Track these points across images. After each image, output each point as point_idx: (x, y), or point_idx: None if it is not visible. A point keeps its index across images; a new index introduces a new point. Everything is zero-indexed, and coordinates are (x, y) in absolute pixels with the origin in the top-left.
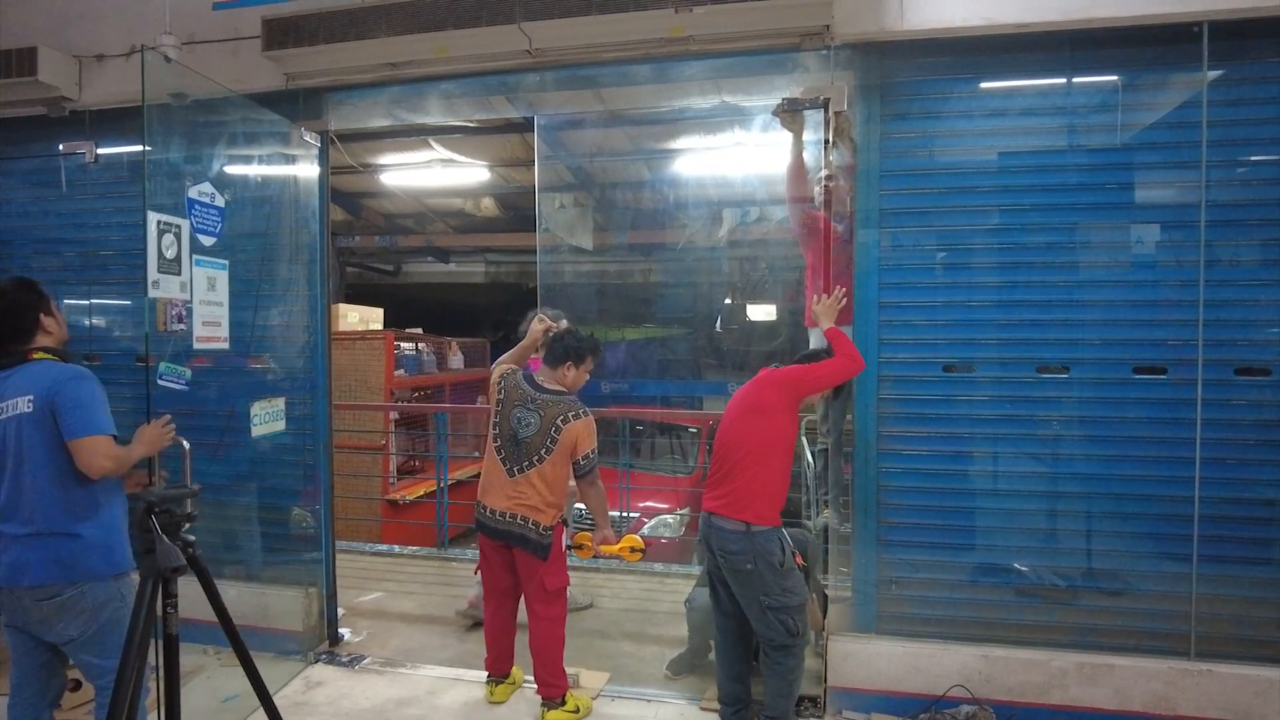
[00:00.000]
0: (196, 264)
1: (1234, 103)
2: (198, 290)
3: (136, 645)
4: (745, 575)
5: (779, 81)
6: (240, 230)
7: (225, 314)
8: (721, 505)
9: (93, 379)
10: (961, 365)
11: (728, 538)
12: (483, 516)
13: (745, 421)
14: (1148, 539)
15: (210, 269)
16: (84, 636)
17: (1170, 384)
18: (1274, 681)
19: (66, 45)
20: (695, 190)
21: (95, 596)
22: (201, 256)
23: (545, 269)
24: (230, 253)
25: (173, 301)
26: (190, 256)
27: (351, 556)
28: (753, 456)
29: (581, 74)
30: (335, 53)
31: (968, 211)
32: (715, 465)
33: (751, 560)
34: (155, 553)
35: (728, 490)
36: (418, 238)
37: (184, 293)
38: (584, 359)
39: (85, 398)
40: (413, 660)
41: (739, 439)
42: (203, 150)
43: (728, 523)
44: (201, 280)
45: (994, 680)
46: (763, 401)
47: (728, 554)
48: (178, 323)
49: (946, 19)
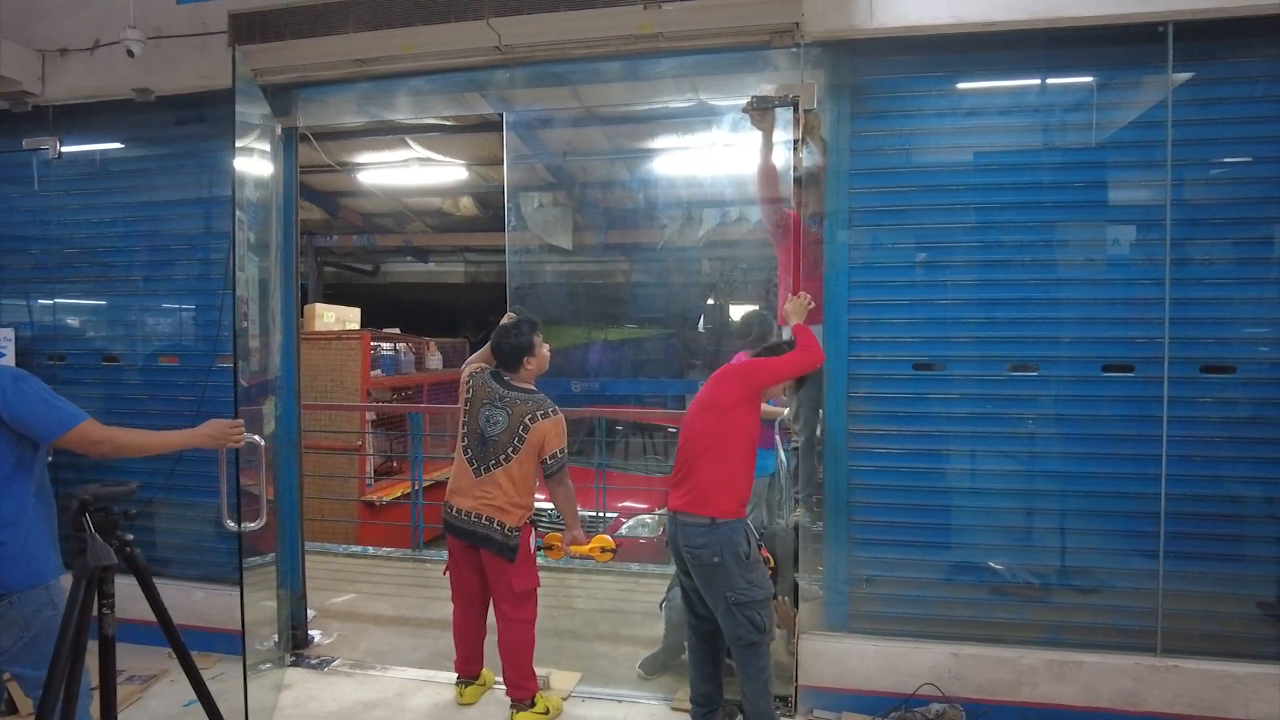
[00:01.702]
0: None
1: (1198, 103)
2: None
3: (67, 647)
4: (711, 570)
5: (750, 80)
6: (204, 229)
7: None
8: (685, 502)
9: (27, 376)
10: (932, 364)
11: (693, 533)
12: (450, 517)
13: (703, 418)
14: (1116, 536)
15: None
16: (16, 647)
17: (1138, 382)
18: (1239, 676)
19: (29, 39)
20: (674, 190)
21: (23, 606)
22: None
23: (515, 269)
24: (193, 252)
25: (242, 299)
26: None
27: (325, 558)
28: (714, 450)
29: (553, 70)
30: (302, 48)
31: (937, 210)
32: (677, 464)
33: (718, 553)
34: (86, 552)
35: (690, 487)
36: (396, 237)
37: (246, 290)
38: (532, 345)
39: (42, 393)
40: (383, 662)
41: (698, 435)
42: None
43: (692, 518)
44: None
45: (964, 678)
46: (719, 396)
47: (694, 549)
48: (244, 320)
49: (915, 17)
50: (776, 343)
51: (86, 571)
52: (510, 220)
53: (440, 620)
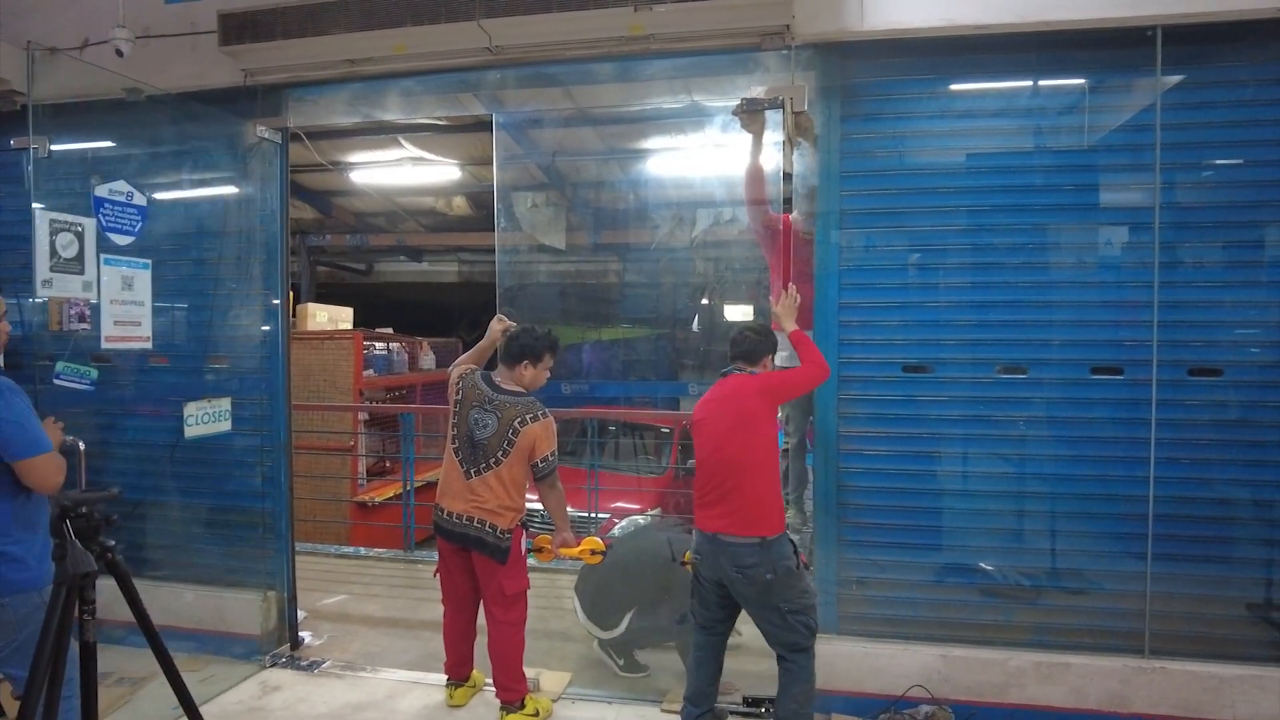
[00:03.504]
0: (106, 263)
1: (1186, 106)
2: (109, 290)
3: (47, 654)
4: (765, 586)
5: (741, 81)
6: (194, 229)
7: (146, 313)
8: (728, 524)
9: (17, 391)
10: (921, 366)
11: (742, 553)
12: (440, 519)
13: (738, 436)
14: (1104, 538)
15: (126, 268)
16: (8, 650)
17: (1126, 384)
18: (1225, 678)
19: (16, 37)
20: (666, 191)
21: (17, 610)
22: (114, 256)
23: (506, 269)
24: (185, 251)
25: (71, 301)
26: (98, 256)
27: (316, 559)
28: (756, 469)
29: (544, 71)
30: (293, 48)
31: (928, 213)
32: (708, 482)
33: (771, 570)
34: (66, 559)
35: (732, 508)
36: (389, 236)
37: (87, 292)
38: (541, 357)
39: (21, 414)
40: (374, 664)
41: (737, 455)
42: (147, 149)
43: (739, 539)
44: (114, 280)
45: (953, 680)
46: (750, 412)
47: (744, 569)
48: (78, 322)
49: (906, 20)
50: (753, 348)
51: (66, 578)
52: (500, 221)
53: (431, 622)
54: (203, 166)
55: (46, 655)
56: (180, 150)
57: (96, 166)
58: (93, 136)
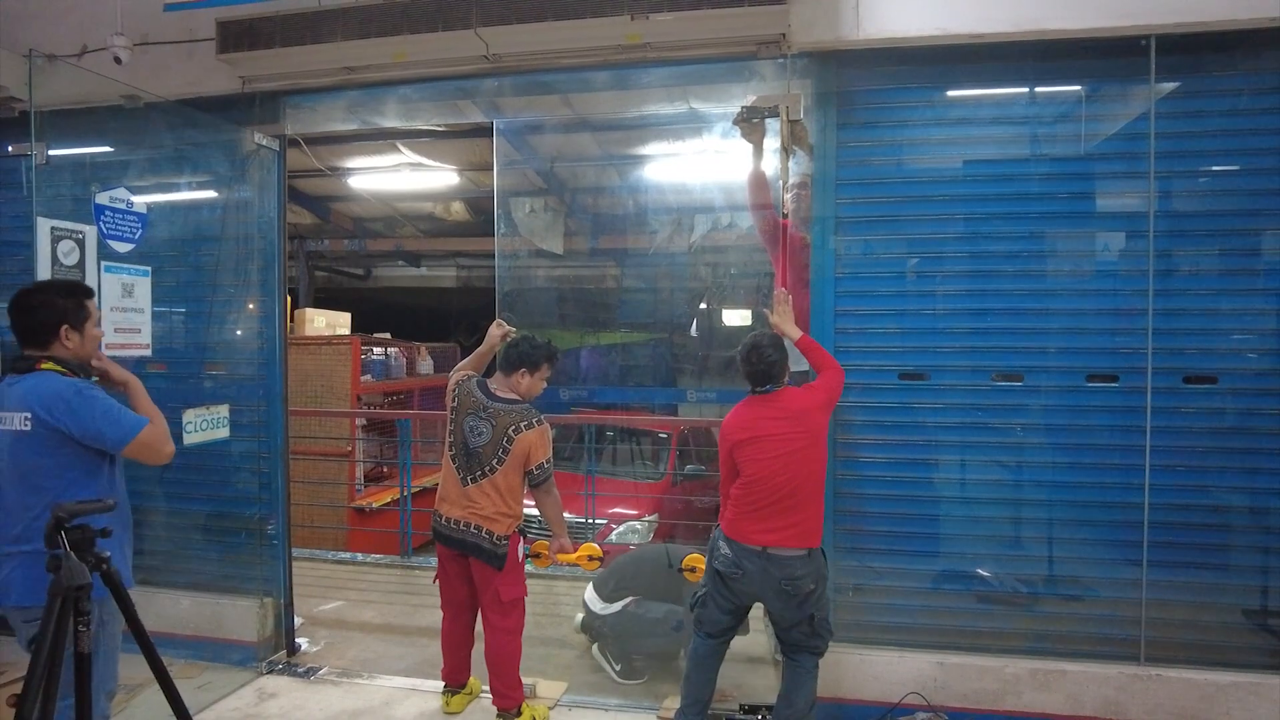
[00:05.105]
0: (107, 270)
1: (1180, 114)
2: (110, 297)
3: (41, 665)
4: (806, 595)
5: (737, 89)
6: (192, 235)
7: (146, 321)
8: (786, 537)
9: (89, 386)
10: (918, 373)
11: (793, 565)
12: (439, 525)
13: (811, 453)
14: (1100, 545)
15: (127, 275)
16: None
17: (1121, 392)
18: (1221, 685)
19: (16, 44)
20: (665, 196)
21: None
22: (115, 263)
23: (505, 274)
24: (183, 257)
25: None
26: (99, 263)
27: (313, 565)
28: (819, 486)
29: (541, 80)
30: (291, 56)
31: (923, 220)
32: (768, 497)
33: (814, 580)
34: (60, 570)
35: (794, 521)
36: (387, 241)
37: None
38: (538, 366)
39: (105, 407)
40: (370, 670)
41: (805, 474)
42: (145, 155)
43: (792, 552)
44: (115, 287)
45: (949, 687)
46: (820, 428)
47: (794, 579)
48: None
49: (902, 29)
50: (772, 361)
51: (61, 590)
52: (500, 226)
53: (428, 628)
54: (201, 173)
55: (41, 666)
56: (178, 157)
57: (95, 173)
58: (92, 143)
